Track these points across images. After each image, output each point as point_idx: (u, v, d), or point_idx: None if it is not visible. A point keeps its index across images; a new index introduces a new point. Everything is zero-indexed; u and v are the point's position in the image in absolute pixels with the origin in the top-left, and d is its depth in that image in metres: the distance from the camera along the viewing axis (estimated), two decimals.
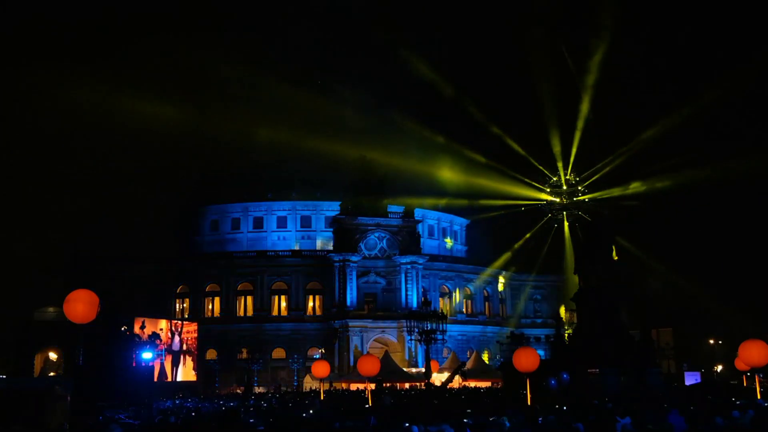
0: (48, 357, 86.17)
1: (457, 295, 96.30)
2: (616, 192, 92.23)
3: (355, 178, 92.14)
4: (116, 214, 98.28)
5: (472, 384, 70.63)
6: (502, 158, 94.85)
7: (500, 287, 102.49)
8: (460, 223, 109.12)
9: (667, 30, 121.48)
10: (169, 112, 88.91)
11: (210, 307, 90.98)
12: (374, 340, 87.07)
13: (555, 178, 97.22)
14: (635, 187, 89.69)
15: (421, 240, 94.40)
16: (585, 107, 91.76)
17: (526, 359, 32.04)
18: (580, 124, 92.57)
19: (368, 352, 76.19)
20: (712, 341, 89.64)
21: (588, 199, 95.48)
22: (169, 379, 70.74)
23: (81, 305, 22.78)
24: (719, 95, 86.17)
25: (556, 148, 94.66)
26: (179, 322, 78.56)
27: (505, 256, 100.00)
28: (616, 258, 49.31)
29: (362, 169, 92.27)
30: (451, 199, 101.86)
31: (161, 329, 70.47)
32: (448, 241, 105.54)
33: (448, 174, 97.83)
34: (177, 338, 73.94)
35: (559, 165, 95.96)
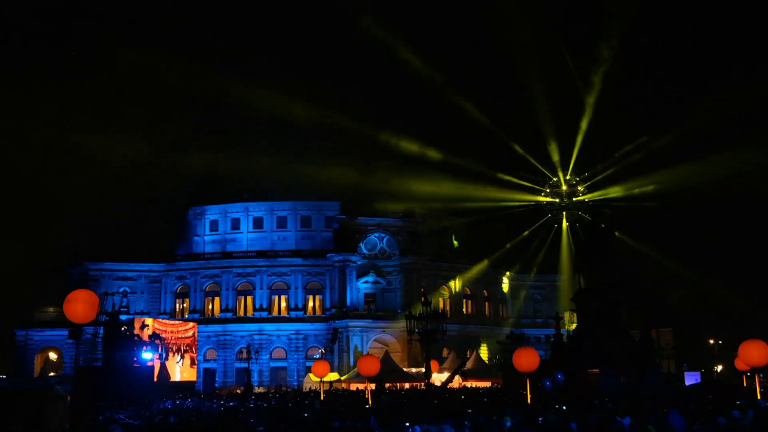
0: (48, 357, 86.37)
1: (456, 295, 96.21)
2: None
3: (356, 178, 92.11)
4: (116, 214, 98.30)
5: (472, 384, 70.61)
6: (502, 158, 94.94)
7: (500, 287, 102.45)
8: (460, 222, 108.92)
9: (673, 31, 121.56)
10: (169, 116, 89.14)
11: (210, 307, 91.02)
12: (374, 340, 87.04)
13: (555, 179, 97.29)
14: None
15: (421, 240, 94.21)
16: (588, 111, 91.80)
17: (526, 359, 32.03)
18: (584, 123, 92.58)
19: (368, 352, 76.15)
20: (712, 341, 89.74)
21: (588, 198, 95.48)
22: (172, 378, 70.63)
23: (81, 305, 22.77)
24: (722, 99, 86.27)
25: (555, 157, 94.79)
26: (174, 321, 78.45)
27: (505, 256, 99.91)
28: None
29: (362, 169, 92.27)
30: (451, 200, 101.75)
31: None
32: (455, 243, 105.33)
33: (448, 174, 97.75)
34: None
35: (558, 166, 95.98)
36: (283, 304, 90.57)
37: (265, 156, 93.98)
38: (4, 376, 79.28)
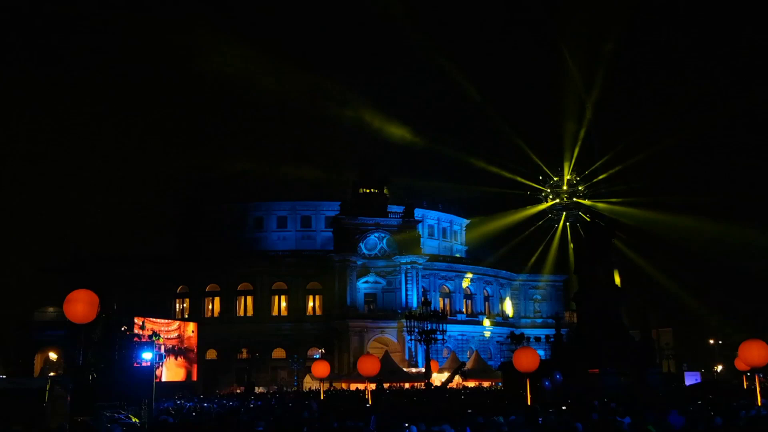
0: (48, 357, 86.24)
1: (457, 295, 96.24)
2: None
3: (356, 178, 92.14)
4: (116, 214, 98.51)
5: (472, 384, 70.65)
6: (503, 157, 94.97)
7: (500, 287, 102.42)
8: (459, 223, 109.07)
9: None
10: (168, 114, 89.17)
11: (210, 307, 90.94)
12: (374, 340, 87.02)
13: (556, 179, 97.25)
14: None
15: (421, 240, 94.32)
16: (588, 111, 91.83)
17: (526, 359, 32.06)
18: (584, 121, 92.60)
19: (368, 352, 76.14)
20: (712, 341, 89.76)
21: (588, 199, 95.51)
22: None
23: (81, 305, 22.76)
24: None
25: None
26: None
27: (505, 256, 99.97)
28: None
29: (363, 169, 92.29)
30: (451, 200, 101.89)
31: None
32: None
33: (448, 174, 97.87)
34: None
35: (566, 167, 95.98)
36: (283, 304, 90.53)
37: (265, 155, 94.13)
38: (4, 376, 79.15)
